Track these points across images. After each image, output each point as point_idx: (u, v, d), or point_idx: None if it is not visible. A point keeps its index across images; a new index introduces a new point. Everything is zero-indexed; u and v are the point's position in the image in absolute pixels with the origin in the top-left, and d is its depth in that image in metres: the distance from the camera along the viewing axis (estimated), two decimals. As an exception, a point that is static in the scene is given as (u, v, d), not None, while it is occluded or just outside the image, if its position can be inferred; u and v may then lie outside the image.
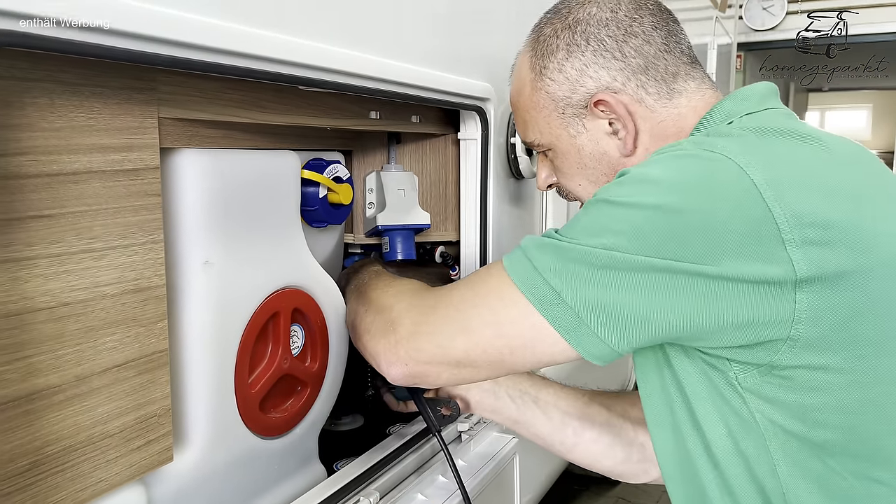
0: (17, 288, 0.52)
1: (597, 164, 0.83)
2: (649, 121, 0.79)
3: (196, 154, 0.69)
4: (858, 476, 0.65)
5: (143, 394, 0.63)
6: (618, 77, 0.79)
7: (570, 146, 0.83)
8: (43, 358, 0.54)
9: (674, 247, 0.61)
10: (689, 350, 0.68)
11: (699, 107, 0.79)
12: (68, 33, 0.49)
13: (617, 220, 0.64)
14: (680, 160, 0.66)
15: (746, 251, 0.61)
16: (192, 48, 0.58)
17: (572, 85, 0.80)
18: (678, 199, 0.62)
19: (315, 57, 0.72)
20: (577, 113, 0.81)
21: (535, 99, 0.84)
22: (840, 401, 0.63)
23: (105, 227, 0.58)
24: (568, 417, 0.97)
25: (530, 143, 0.89)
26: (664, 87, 0.79)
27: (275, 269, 0.80)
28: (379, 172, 1.08)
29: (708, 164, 0.64)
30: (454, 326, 0.73)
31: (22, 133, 0.51)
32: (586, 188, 0.85)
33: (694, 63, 0.82)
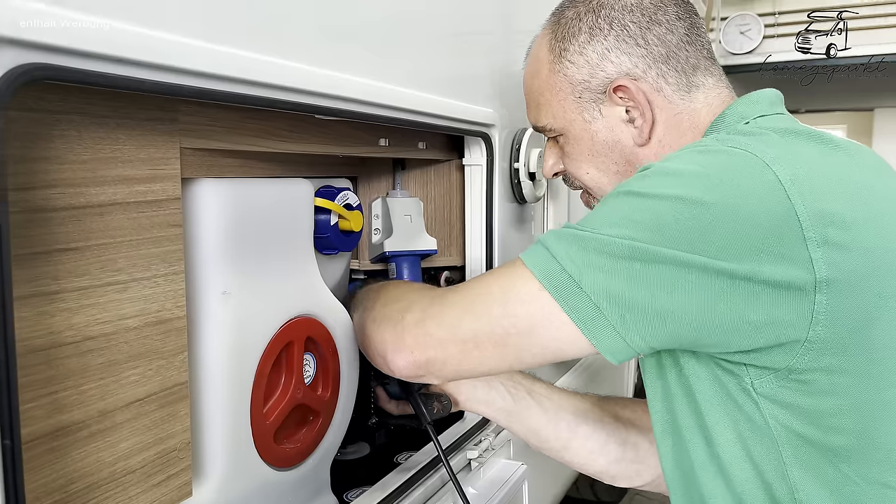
0: (44, 323, 0.51)
1: (608, 152, 0.82)
2: (666, 111, 0.79)
3: (215, 183, 0.69)
4: (870, 482, 0.64)
5: (164, 428, 0.62)
6: (639, 64, 0.78)
7: (584, 132, 0.82)
8: (68, 393, 0.53)
9: (695, 240, 0.60)
10: (702, 356, 0.68)
11: (715, 104, 0.79)
12: (100, 65, 0.49)
13: (639, 211, 0.63)
14: (705, 155, 0.66)
15: (768, 248, 0.60)
16: (216, 79, 0.58)
17: (592, 69, 0.79)
18: (702, 191, 0.62)
19: (332, 86, 0.72)
20: (595, 98, 0.80)
21: (552, 81, 0.83)
22: (855, 404, 0.63)
23: (128, 258, 0.58)
24: (562, 411, 0.96)
25: (542, 128, 0.88)
26: (684, 79, 0.79)
27: (290, 298, 0.79)
28: (385, 198, 1.08)
29: (733, 159, 0.64)
30: (463, 306, 0.71)
31: (50, 165, 0.51)
32: (594, 177, 0.85)
33: (713, 59, 0.81)
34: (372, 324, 0.80)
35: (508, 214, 1.20)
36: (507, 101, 1.18)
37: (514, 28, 1.23)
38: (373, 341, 0.80)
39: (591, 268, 0.62)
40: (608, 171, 0.83)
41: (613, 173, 0.83)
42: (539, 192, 1.23)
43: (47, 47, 0.44)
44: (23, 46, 0.43)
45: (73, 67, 0.46)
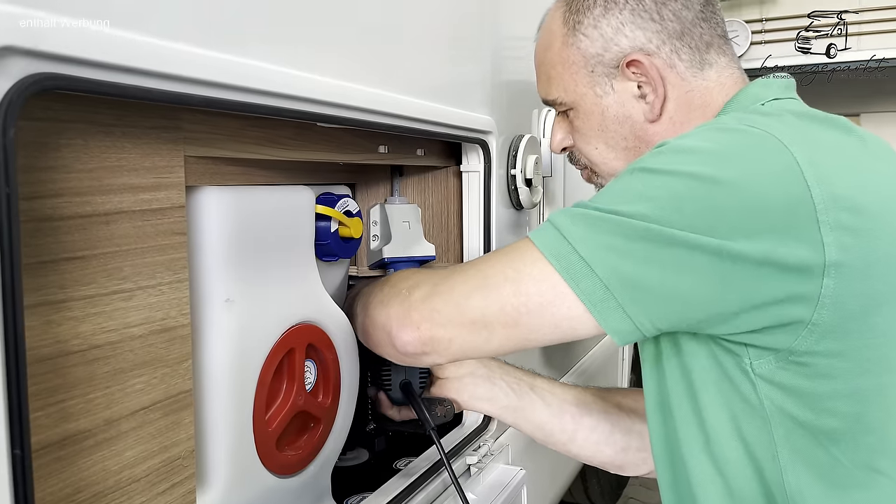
0: (51, 332, 0.51)
1: (618, 128, 0.81)
2: (678, 88, 0.78)
3: (218, 191, 0.69)
4: (860, 465, 0.65)
5: (169, 436, 0.62)
6: (653, 39, 0.77)
7: (595, 106, 0.82)
8: (75, 402, 0.53)
9: (709, 219, 0.60)
10: (702, 336, 0.68)
11: (727, 84, 0.79)
12: (108, 75, 0.49)
13: (653, 187, 0.63)
14: (722, 133, 0.66)
15: (781, 228, 0.60)
16: (224, 88, 0.59)
17: (606, 42, 0.79)
18: (718, 169, 0.61)
19: (337, 94, 0.72)
20: (607, 72, 0.80)
21: (565, 54, 0.82)
22: (851, 388, 0.63)
23: (134, 267, 0.58)
24: (565, 404, 0.96)
25: (552, 101, 0.87)
26: (697, 56, 0.78)
27: (291, 305, 0.79)
28: (383, 205, 1.09)
29: (750, 139, 0.64)
30: (472, 284, 0.70)
31: (57, 175, 0.51)
32: (602, 153, 0.84)
33: (726, 38, 0.81)
34: (378, 305, 0.79)
35: (505, 220, 1.21)
36: (504, 108, 1.19)
37: (509, 35, 1.23)
38: (377, 320, 0.78)
39: (603, 249, 0.62)
40: (617, 146, 0.83)
41: (622, 149, 0.83)
42: (535, 198, 1.24)
43: (57, 57, 0.44)
44: (33, 56, 0.43)
45: (84, 77, 0.46)
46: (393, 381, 0.98)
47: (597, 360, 1.89)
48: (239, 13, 0.62)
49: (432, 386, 0.99)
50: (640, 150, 0.81)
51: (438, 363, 0.93)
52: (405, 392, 0.96)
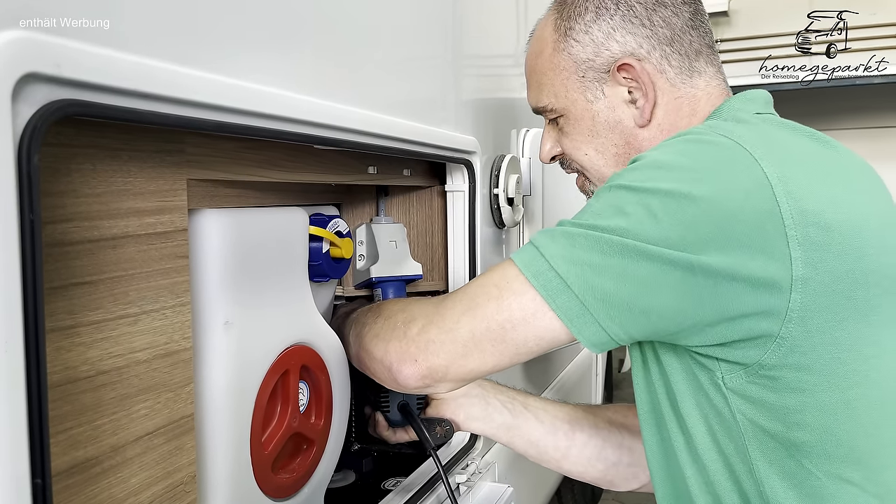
0: (61, 358, 0.50)
1: (609, 133, 0.83)
2: (667, 94, 0.80)
3: (217, 213, 0.69)
4: (830, 476, 0.67)
5: (172, 461, 0.61)
6: (644, 45, 0.78)
7: (585, 111, 0.83)
8: (82, 429, 0.52)
9: (683, 233, 0.62)
10: (679, 349, 0.70)
11: (714, 94, 0.80)
12: (124, 100, 0.49)
13: (629, 203, 0.65)
14: (695, 144, 0.67)
15: (751, 243, 0.62)
16: (233, 112, 0.59)
17: (597, 48, 0.80)
18: (691, 185, 0.63)
19: (334, 117, 0.73)
20: (598, 77, 0.81)
21: (556, 60, 0.83)
22: (819, 402, 0.65)
23: (139, 291, 0.57)
24: (558, 421, 0.98)
25: (542, 108, 0.88)
26: (686, 63, 0.79)
27: (287, 327, 0.79)
28: (369, 224, 1.09)
29: (722, 152, 0.66)
30: (460, 308, 0.72)
31: (67, 199, 0.51)
32: (593, 158, 0.85)
33: (713, 49, 0.83)
34: (374, 339, 0.80)
35: (488, 238, 1.22)
36: (486, 128, 1.21)
37: (488, 54, 1.26)
38: (375, 355, 0.79)
39: (579, 265, 0.65)
40: (607, 152, 0.84)
41: (612, 155, 0.84)
42: (517, 217, 1.26)
43: (77, 83, 0.44)
44: (55, 83, 0.43)
45: (104, 103, 0.46)
46: (391, 402, 0.98)
47: (572, 376, 1.91)
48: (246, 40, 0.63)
49: (428, 407, 1.00)
50: (629, 156, 0.83)
51: (443, 391, 0.95)
52: (404, 413, 0.96)
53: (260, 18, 0.65)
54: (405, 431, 0.98)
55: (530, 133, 1.38)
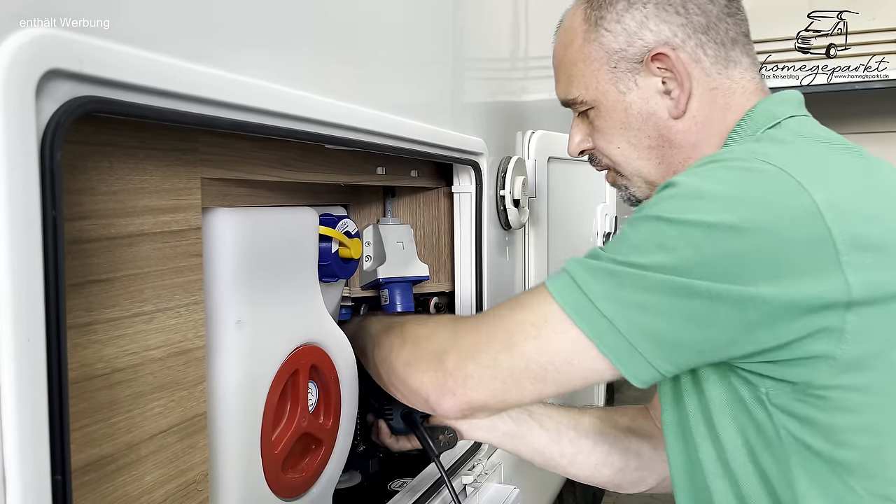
0: (77, 355, 0.50)
1: (642, 125, 0.80)
2: (702, 85, 0.77)
3: (230, 212, 0.69)
4: (874, 495, 0.65)
5: (185, 459, 0.61)
6: (678, 33, 0.76)
7: (617, 103, 0.80)
8: (98, 427, 0.52)
9: (731, 266, 0.60)
10: (719, 363, 0.68)
11: (748, 88, 0.78)
12: (144, 98, 0.49)
13: (671, 238, 0.62)
14: (737, 172, 0.64)
15: (804, 270, 0.60)
16: (247, 111, 0.59)
17: (630, 37, 0.77)
18: (736, 215, 0.61)
19: (345, 117, 0.73)
20: (631, 68, 0.78)
21: (587, 51, 0.80)
22: (869, 423, 0.64)
23: (154, 289, 0.57)
24: (563, 427, 0.97)
25: (572, 101, 0.85)
26: (722, 52, 0.76)
27: (297, 326, 0.79)
28: (376, 225, 1.09)
29: (767, 180, 0.63)
30: (497, 344, 0.70)
31: (84, 197, 0.51)
32: (625, 151, 0.83)
33: (749, 38, 0.79)
34: (407, 368, 0.78)
35: (494, 240, 1.22)
36: (493, 130, 1.21)
37: (496, 57, 1.26)
38: (411, 385, 0.78)
39: (624, 305, 0.63)
40: (640, 145, 0.81)
41: (646, 147, 0.81)
42: (523, 219, 1.26)
43: (98, 80, 0.44)
44: (77, 80, 0.43)
45: (125, 101, 0.46)
46: (394, 411, 0.97)
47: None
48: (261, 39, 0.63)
49: (432, 415, 0.99)
50: (662, 149, 0.81)
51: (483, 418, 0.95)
52: (407, 421, 0.96)
53: (275, 19, 0.65)
54: (408, 440, 0.98)
55: (536, 135, 1.38)
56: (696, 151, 0.80)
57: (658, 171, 0.83)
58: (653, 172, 0.84)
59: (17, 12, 0.40)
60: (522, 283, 1.38)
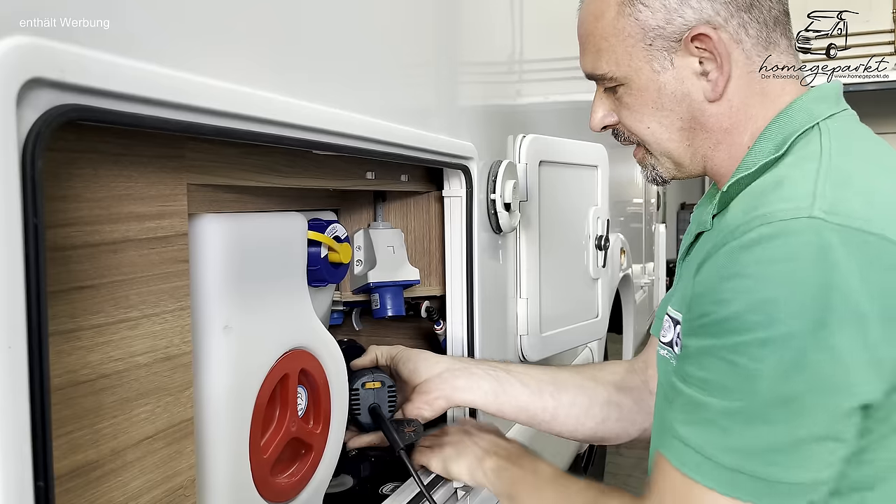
0: (62, 362, 0.50)
1: (675, 106, 0.76)
2: (742, 67, 0.73)
3: (217, 218, 0.69)
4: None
5: (172, 465, 0.61)
6: (721, 11, 0.71)
7: (651, 82, 0.76)
8: (83, 433, 0.52)
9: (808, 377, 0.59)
10: None
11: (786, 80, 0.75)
12: (126, 105, 0.49)
13: (757, 359, 0.59)
14: (789, 264, 0.60)
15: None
16: (231, 117, 0.59)
17: (669, 14, 0.72)
18: (788, 326, 0.58)
19: (334, 122, 0.74)
20: (668, 46, 0.74)
21: (620, 25, 0.76)
22: None
23: (139, 295, 0.58)
24: (542, 383, 0.99)
25: (601, 76, 0.81)
26: (764, 33, 0.73)
27: (286, 331, 0.79)
28: (367, 230, 1.10)
29: (812, 264, 0.59)
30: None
31: (68, 204, 0.51)
32: (655, 132, 0.79)
33: (789, 16, 0.76)
34: None
35: (485, 244, 1.23)
36: (484, 134, 1.21)
37: (486, 61, 1.27)
38: None
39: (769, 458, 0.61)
40: (671, 126, 0.78)
41: (677, 129, 0.78)
42: (514, 223, 1.26)
43: (80, 88, 0.45)
44: (58, 88, 0.43)
45: (107, 108, 0.46)
46: (362, 405, 0.98)
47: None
48: (246, 45, 0.63)
49: (413, 393, 1.00)
50: (694, 132, 0.78)
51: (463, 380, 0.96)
52: (373, 415, 0.96)
53: (260, 24, 0.66)
54: (374, 436, 0.98)
55: (527, 139, 1.39)
56: (726, 136, 0.77)
57: (688, 152, 0.80)
58: (682, 154, 0.81)
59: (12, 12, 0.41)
60: (514, 287, 1.39)
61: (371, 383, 0.98)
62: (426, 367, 1.00)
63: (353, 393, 0.98)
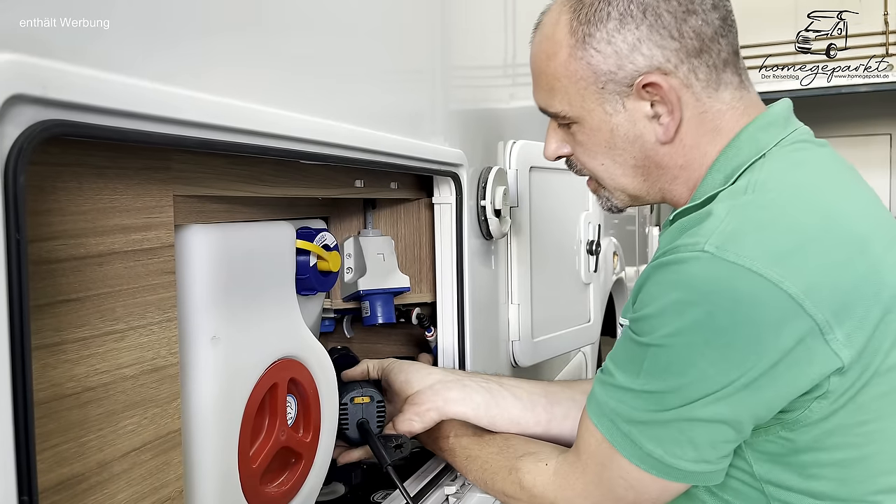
0: (47, 375, 0.50)
1: (629, 146, 0.78)
2: (692, 109, 0.75)
3: (204, 229, 0.69)
4: None
5: (159, 477, 0.61)
6: (671, 58, 0.73)
7: (603, 123, 0.77)
8: (69, 446, 0.52)
9: (732, 374, 0.66)
10: None
11: (738, 109, 0.77)
12: (109, 120, 0.49)
13: (680, 363, 0.68)
14: (702, 295, 0.66)
15: (796, 362, 0.65)
16: (214, 129, 0.60)
17: (620, 60, 0.74)
18: (724, 337, 0.65)
19: (318, 132, 0.74)
20: (620, 90, 0.75)
21: (572, 68, 0.77)
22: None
23: (125, 307, 0.58)
24: (535, 396, 0.99)
25: (553, 113, 0.82)
26: (713, 76, 0.74)
27: (274, 340, 0.79)
28: (357, 237, 1.10)
29: (740, 294, 0.65)
30: None
31: (53, 217, 0.51)
32: (609, 168, 0.81)
33: (739, 54, 0.77)
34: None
35: (475, 250, 1.23)
36: (473, 140, 1.22)
37: (474, 65, 1.27)
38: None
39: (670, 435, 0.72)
40: (625, 164, 0.80)
41: (631, 167, 0.81)
42: (504, 229, 1.27)
43: (62, 104, 0.45)
44: (41, 104, 0.43)
45: (90, 123, 0.46)
46: (350, 420, 0.97)
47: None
48: (228, 56, 0.63)
49: (405, 404, 1.00)
50: (649, 170, 0.81)
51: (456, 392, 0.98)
52: (361, 431, 0.96)
53: (242, 34, 0.66)
54: (362, 451, 0.98)
55: (517, 145, 1.39)
56: (682, 171, 0.80)
57: (643, 186, 0.83)
58: (638, 188, 0.84)
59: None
60: (506, 293, 1.39)
61: (360, 398, 0.97)
62: (418, 379, 1.00)
63: (342, 407, 0.97)
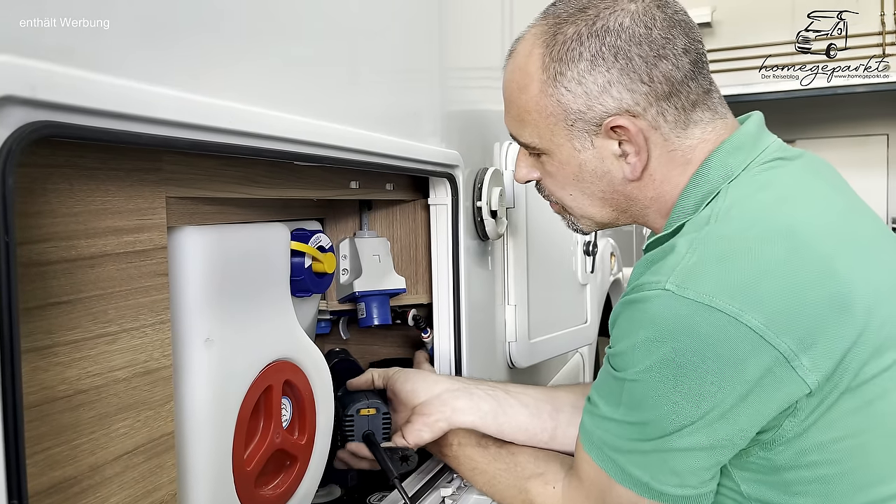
0: (38, 378, 0.50)
1: (596, 181, 0.80)
2: (660, 148, 0.76)
3: (198, 231, 0.69)
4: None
5: (152, 480, 0.61)
6: (640, 101, 0.74)
7: (572, 158, 0.79)
8: (61, 449, 0.52)
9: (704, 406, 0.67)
10: None
11: (710, 139, 0.77)
12: (99, 121, 0.49)
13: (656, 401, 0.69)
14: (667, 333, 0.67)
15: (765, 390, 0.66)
16: (206, 130, 0.59)
17: (590, 100, 0.75)
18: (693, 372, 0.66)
19: (312, 133, 0.74)
20: (588, 129, 0.76)
21: (543, 103, 0.78)
22: None
23: (118, 309, 0.57)
24: (541, 403, 0.99)
25: (523, 143, 0.83)
26: (682, 117, 0.75)
27: (269, 342, 0.79)
28: (352, 239, 1.10)
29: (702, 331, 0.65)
30: None
31: (44, 220, 0.51)
32: (577, 199, 0.83)
33: (712, 87, 0.78)
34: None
35: (472, 251, 1.23)
36: (468, 141, 1.21)
37: (469, 66, 1.27)
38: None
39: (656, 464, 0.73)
40: (593, 196, 0.81)
41: (599, 199, 0.82)
42: (500, 230, 1.27)
43: (52, 105, 0.44)
44: (30, 105, 0.43)
45: (80, 124, 0.46)
46: (356, 431, 0.97)
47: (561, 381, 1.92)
48: (220, 56, 0.63)
49: (413, 414, 0.99)
50: (618, 202, 0.82)
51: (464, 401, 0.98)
52: (367, 443, 0.96)
53: (234, 34, 0.66)
54: (367, 461, 0.98)
55: (513, 146, 1.39)
56: (654, 202, 0.81)
57: (613, 215, 0.85)
58: (605, 217, 0.86)
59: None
60: (502, 294, 1.39)
61: (366, 410, 0.97)
62: (425, 388, 0.99)
63: (348, 419, 0.97)
